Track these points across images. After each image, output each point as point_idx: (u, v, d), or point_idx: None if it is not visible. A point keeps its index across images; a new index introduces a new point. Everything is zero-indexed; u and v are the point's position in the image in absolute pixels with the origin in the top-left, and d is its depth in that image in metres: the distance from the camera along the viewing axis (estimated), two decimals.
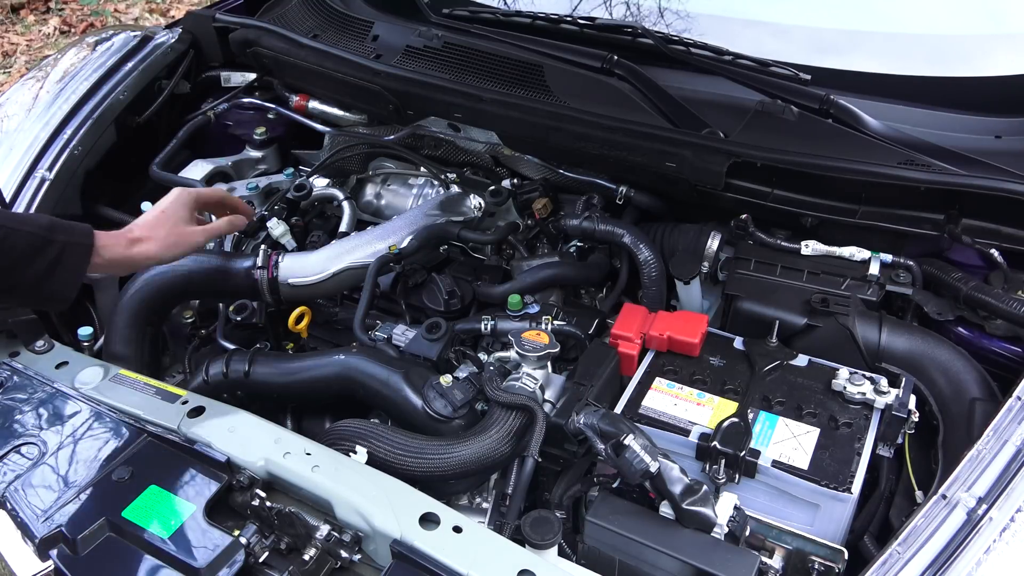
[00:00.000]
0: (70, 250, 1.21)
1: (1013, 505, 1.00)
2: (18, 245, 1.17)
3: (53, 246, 1.20)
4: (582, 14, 1.81)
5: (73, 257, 1.22)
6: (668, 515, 1.12)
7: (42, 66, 2.07)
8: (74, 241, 1.22)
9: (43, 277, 1.20)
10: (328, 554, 1.13)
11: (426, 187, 1.98)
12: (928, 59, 1.59)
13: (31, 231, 1.18)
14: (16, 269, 1.18)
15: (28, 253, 1.18)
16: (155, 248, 1.33)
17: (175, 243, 1.35)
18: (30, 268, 1.19)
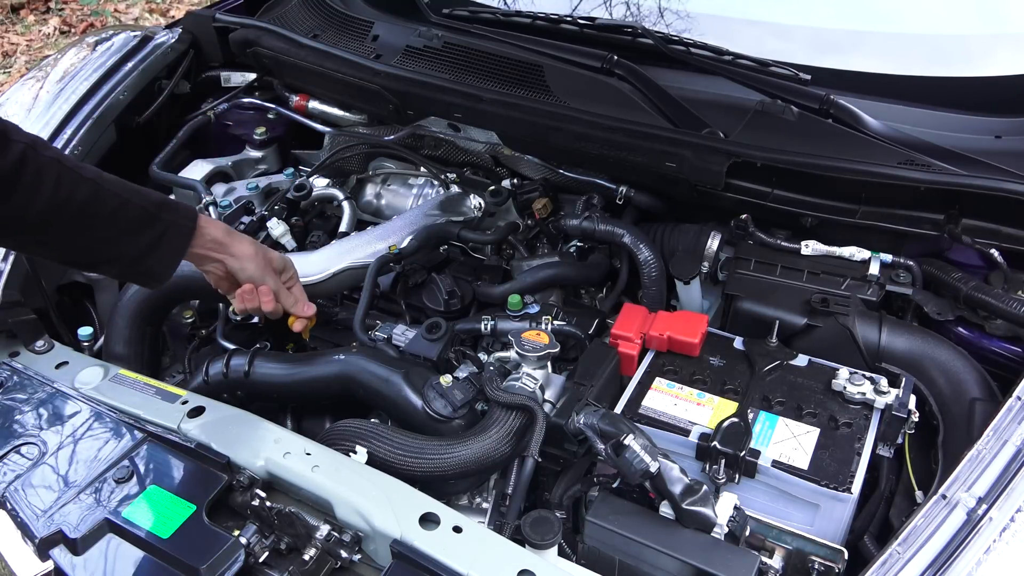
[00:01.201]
0: (173, 230, 1.24)
1: (1013, 505, 1.00)
2: (131, 216, 1.20)
3: (159, 223, 1.22)
4: (582, 14, 1.81)
5: (175, 237, 1.25)
6: (668, 515, 1.12)
7: (42, 66, 2.07)
8: (179, 222, 1.25)
9: (145, 253, 1.22)
10: (328, 554, 1.13)
11: (426, 187, 1.98)
12: (928, 59, 1.59)
13: (143, 205, 1.21)
14: (121, 241, 1.21)
15: (139, 225, 1.21)
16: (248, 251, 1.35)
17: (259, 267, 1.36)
18: (134, 242, 1.21)
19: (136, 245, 1.22)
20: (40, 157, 1.14)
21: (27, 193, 1.12)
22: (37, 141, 1.15)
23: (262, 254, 1.37)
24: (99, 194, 1.18)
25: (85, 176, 1.17)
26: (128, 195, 1.20)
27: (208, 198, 1.80)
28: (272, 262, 1.39)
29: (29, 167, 1.13)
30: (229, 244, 1.33)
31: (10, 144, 1.12)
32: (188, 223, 1.26)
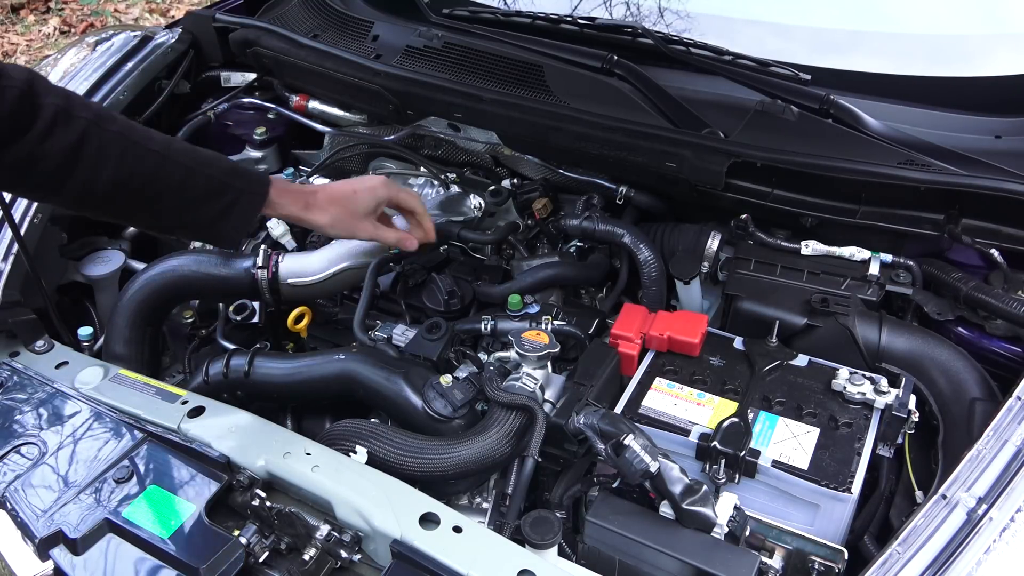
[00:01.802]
0: (245, 198, 1.28)
1: (1013, 505, 1.00)
2: (199, 185, 1.23)
3: (230, 191, 1.26)
4: (582, 14, 1.81)
5: (246, 205, 1.28)
6: (668, 515, 1.12)
7: (42, 66, 2.07)
8: (250, 190, 1.28)
9: (217, 219, 1.26)
10: (328, 554, 1.13)
11: (426, 187, 1.98)
12: (928, 59, 1.59)
13: (211, 174, 1.24)
14: (193, 208, 1.25)
15: (206, 195, 1.24)
16: (325, 220, 1.40)
17: (344, 226, 1.43)
18: (206, 209, 1.25)
19: (206, 213, 1.26)
20: (104, 133, 1.16)
21: (90, 169, 1.16)
22: (102, 115, 1.18)
23: (343, 213, 1.42)
24: (165, 166, 1.21)
25: (151, 149, 1.20)
26: (196, 165, 1.24)
27: None
28: (358, 211, 1.43)
29: (92, 143, 1.15)
30: (305, 216, 1.38)
31: (72, 120, 1.14)
32: (260, 190, 1.30)
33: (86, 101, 1.19)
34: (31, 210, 1.70)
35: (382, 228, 1.48)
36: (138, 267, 1.75)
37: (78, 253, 1.84)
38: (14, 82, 1.11)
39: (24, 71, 1.14)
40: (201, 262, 1.60)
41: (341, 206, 1.42)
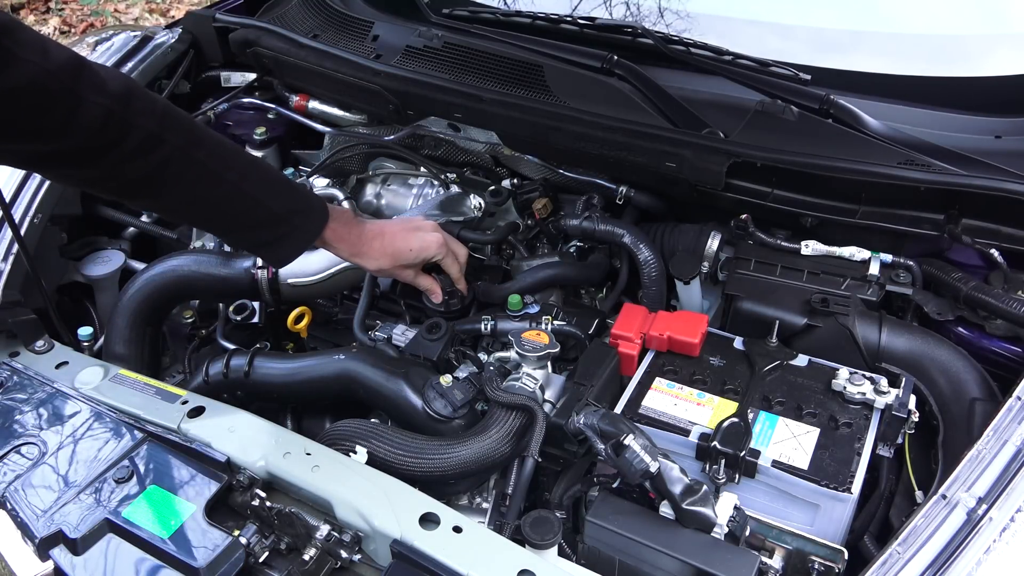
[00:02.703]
0: (298, 233, 1.33)
1: (1013, 505, 1.00)
2: (259, 215, 1.28)
3: (285, 225, 1.31)
4: (582, 14, 1.81)
5: (298, 239, 1.33)
6: (668, 515, 1.12)
7: None
8: (304, 227, 1.33)
9: (267, 243, 1.32)
10: (328, 554, 1.13)
11: (426, 187, 1.98)
12: (929, 59, 1.59)
13: (274, 208, 1.29)
14: (248, 230, 1.30)
15: (264, 223, 1.29)
16: (372, 267, 1.47)
17: (388, 272, 1.50)
18: (260, 233, 1.31)
19: (259, 236, 1.31)
20: (188, 159, 1.18)
21: (162, 187, 1.19)
22: (193, 139, 1.18)
23: (392, 264, 1.47)
24: (234, 197, 1.25)
25: (226, 179, 1.23)
26: (265, 197, 1.28)
27: None
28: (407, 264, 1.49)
29: (172, 168, 1.17)
30: (354, 260, 1.45)
31: (161, 146, 1.14)
32: (314, 228, 1.35)
33: (182, 119, 1.19)
34: (31, 210, 1.70)
35: (421, 276, 1.55)
36: (138, 267, 1.76)
37: (78, 253, 1.84)
38: (106, 98, 1.08)
39: (122, 83, 1.11)
40: (201, 262, 1.60)
41: (392, 259, 1.46)
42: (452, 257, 1.55)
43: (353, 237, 1.42)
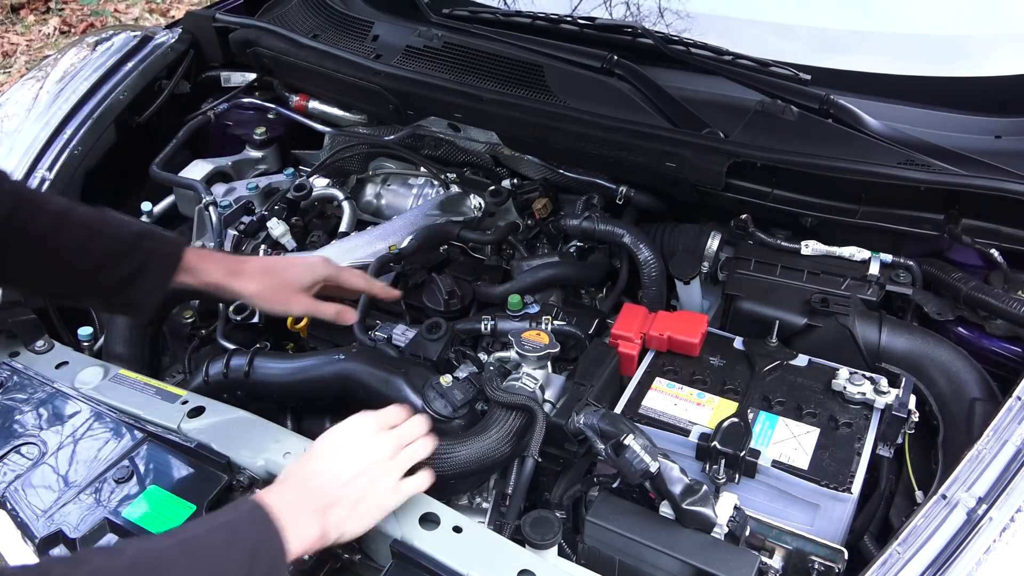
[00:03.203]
0: (155, 261, 1.19)
1: (1013, 505, 1.00)
2: (102, 247, 1.15)
3: (138, 253, 1.17)
4: (582, 14, 1.81)
5: (157, 268, 1.19)
6: (668, 515, 1.12)
7: (42, 66, 2.07)
8: (161, 251, 1.20)
9: (125, 284, 1.17)
10: (328, 554, 1.13)
11: (426, 187, 1.98)
12: (929, 59, 1.59)
13: (117, 235, 1.16)
14: (98, 272, 1.16)
15: (111, 257, 1.16)
16: (253, 290, 1.32)
17: (275, 297, 1.34)
18: (112, 272, 1.16)
19: (112, 277, 1.18)
20: None
21: None
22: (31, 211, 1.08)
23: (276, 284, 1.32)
24: (62, 226, 1.14)
25: (46, 210, 1.13)
26: (100, 225, 1.16)
27: (208, 198, 1.80)
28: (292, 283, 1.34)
29: None
30: (230, 283, 1.29)
31: None
32: (173, 252, 1.22)
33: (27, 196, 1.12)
34: None
35: (319, 303, 1.42)
36: None
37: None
38: None
39: None
40: None
41: (273, 277, 1.36)
42: (348, 271, 1.46)
43: (221, 259, 1.31)
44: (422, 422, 1.15)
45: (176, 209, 2.00)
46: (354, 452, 1.05)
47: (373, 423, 1.11)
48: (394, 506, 1.06)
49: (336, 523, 1.00)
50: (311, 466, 1.04)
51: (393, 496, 1.06)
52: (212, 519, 0.94)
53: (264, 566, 0.89)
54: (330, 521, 0.99)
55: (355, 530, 1.02)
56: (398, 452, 1.08)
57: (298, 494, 0.99)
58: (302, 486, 1.01)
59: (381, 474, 1.05)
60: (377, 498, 1.04)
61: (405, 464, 1.08)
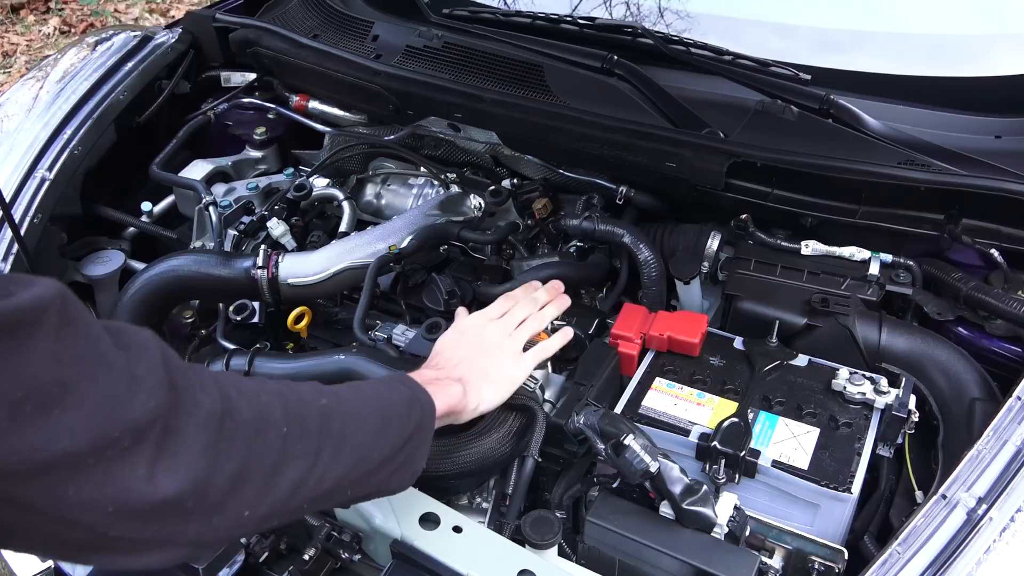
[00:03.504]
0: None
1: (1013, 505, 1.00)
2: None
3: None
4: (582, 14, 1.81)
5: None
6: (668, 515, 1.12)
7: (42, 66, 2.07)
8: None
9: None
10: (328, 554, 1.13)
11: (426, 187, 1.98)
12: (929, 59, 1.59)
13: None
14: None
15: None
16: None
17: None
18: None
19: None
20: None
21: None
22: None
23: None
24: None
25: None
26: None
27: (208, 198, 1.80)
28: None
29: None
30: None
31: None
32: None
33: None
34: (31, 210, 1.70)
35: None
36: (138, 267, 1.75)
37: (78, 253, 1.84)
38: None
39: None
40: (201, 262, 1.60)
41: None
42: None
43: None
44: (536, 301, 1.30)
45: (176, 209, 2.00)
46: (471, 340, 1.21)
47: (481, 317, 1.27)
48: (522, 377, 1.21)
49: (474, 390, 1.14)
50: (437, 359, 1.20)
51: (518, 367, 1.21)
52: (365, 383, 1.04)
53: (418, 414, 0.99)
54: (469, 388, 1.12)
55: (491, 399, 1.16)
56: (512, 331, 1.23)
57: (434, 369, 1.16)
58: (435, 367, 1.16)
59: (501, 351, 1.20)
60: (504, 370, 1.19)
61: (521, 338, 1.23)
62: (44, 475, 0.63)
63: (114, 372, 0.67)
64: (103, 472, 0.65)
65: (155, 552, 0.72)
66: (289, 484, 0.81)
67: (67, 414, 0.63)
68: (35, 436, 0.61)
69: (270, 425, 0.81)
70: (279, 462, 0.80)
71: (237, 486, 0.75)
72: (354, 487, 0.91)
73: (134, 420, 0.67)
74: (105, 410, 0.65)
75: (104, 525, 0.67)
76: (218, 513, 0.74)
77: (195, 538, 0.74)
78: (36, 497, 0.63)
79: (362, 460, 0.90)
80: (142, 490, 0.67)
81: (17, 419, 0.60)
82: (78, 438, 0.63)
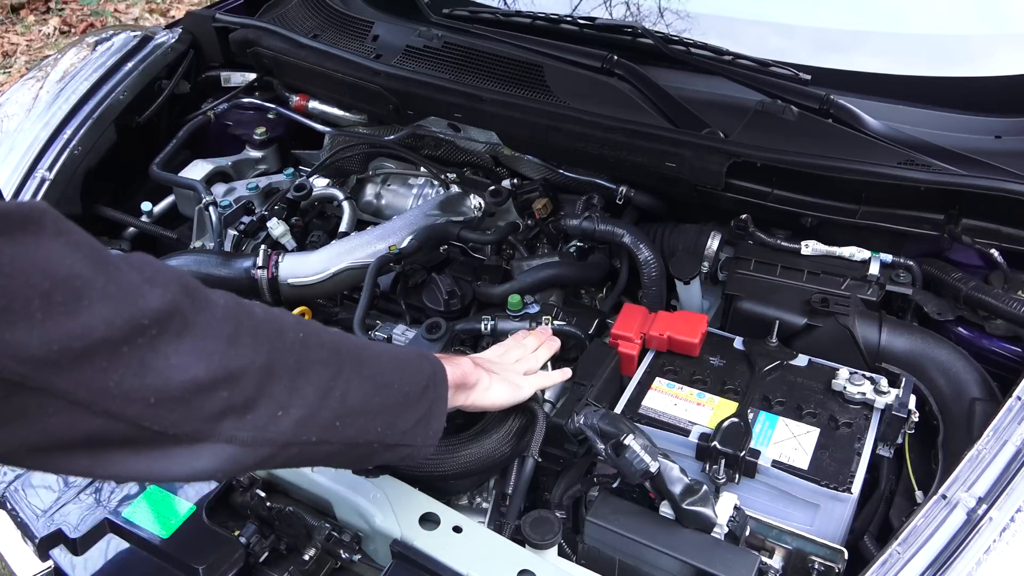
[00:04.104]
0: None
1: (1013, 505, 1.00)
2: None
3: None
4: (582, 14, 1.81)
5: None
6: (668, 515, 1.12)
7: (42, 66, 2.07)
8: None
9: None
10: (328, 554, 1.13)
11: (426, 187, 1.98)
12: (929, 59, 1.59)
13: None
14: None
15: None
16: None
17: None
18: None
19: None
20: None
21: None
22: None
23: None
24: None
25: None
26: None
27: (208, 198, 1.80)
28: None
29: None
30: None
31: None
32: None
33: None
34: None
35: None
36: None
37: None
38: None
39: None
40: (201, 262, 1.60)
41: None
42: None
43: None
44: (527, 347, 1.33)
45: (176, 209, 2.00)
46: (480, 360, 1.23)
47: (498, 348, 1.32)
48: (527, 393, 1.23)
49: (484, 374, 1.15)
50: None
51: (523, 381, 1.23)
52: None
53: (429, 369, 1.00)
54: (479, 370, 1.15)
55: (498, 394, 1.18)
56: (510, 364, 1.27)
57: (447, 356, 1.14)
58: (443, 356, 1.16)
59: (506, 368, 1.24)
60: (511, 378, 1.22)
61: (522, 367, 1.27)
62: (86, 364, 0.64)
63: (124, 271, 0.69)
64: (139, 362, 0.67)
65: (197, 450, 0.73)
66: (315, 388, 0.82)
67: (96, 304, 0.65)
68: (72, 324, 0.63)
69: (286, 329, 0.83)
70: (301, 363, 0.81)
71: (265, 380, 0.77)
72: (381, 419, 0.90)
73: (157, 311, 0.69)
74: (129, 301, 0.67)
75: (148, 418, 0.69)
76: (252, 407, 0.76)
77: (234, 434, 0.75)
78: (81, 389, 0.65)
79: (383, 387, 0.91)
80: (179, 376, 0.70)
81: (51, 308, 0.62)
82: (113, 325, 0.65)
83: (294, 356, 0.81)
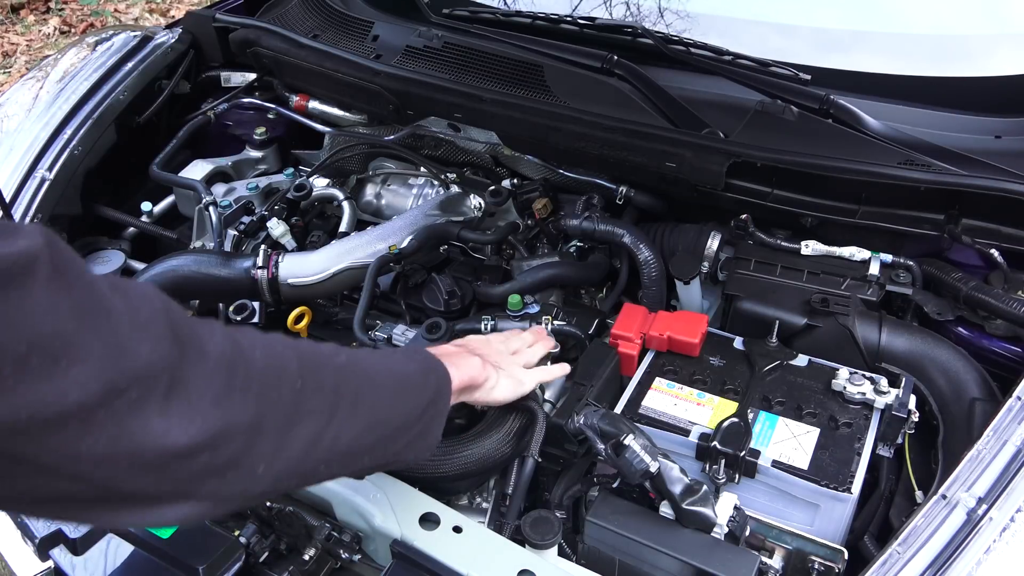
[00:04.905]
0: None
1: (1013, 505, 1.00)
2: None
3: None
4: (582, 14, 1.81)
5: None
6: (668, 515, 1.12)
7: (42, 66, 2.07)
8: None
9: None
10: (328, 554, 1.13)
11: (426, 187, 1.98)
12: (929, 59, 1.59)
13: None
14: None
15: None
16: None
17: None
18: None
19: None
20: None
21: None
22: None
23: None
24: None
25: None
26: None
27: (208, 198, 1.80)
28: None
29: None
30: None
31: None
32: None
33: None
34: (31, 210, 1.70)
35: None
36: (138, 267, 1.76)
37: (78, 253, 1.84)
38: None
39: None
40: (201, 262, 1.60)
41: None
42: None
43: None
44: (532, 335, 1.34)
45: (176, 209, 2.00)
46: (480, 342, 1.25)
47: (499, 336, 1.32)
48: (529, 387, 1.24)
49: (492, 369, 1.16)
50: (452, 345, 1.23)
51: (526, 375, 1.24)
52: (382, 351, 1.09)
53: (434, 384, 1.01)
54: (487, 364, 1.15)
55: (504, 390, 1.19)
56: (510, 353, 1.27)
57: (454, 345, 1.18)
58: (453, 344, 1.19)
59: (509, 360, 1.24)
60: (515, 372, 1.22)
61: (521, 361, 1.27)
62: (57, 430, 0.61)
63: (114, 321, 0.65)
64: (115, 425, 0.63)
65: (170, 507, 0.71)
66: (303, 441, 0.79)
67: (74, 367, 0.60)
68: (45, 390, 0.59)
69: (284, 377, 0.79)
70: (293, 416, 0.79)
71: (251, 439, 0.74)
72: (371, 453, 0.90)
73: (140, 370, 0.65)
74: (111, 360, 0.63)
75: (120, 480, 0.65)
76: (234, 467, 0.73)
77: (212, 492, 0.72)
78: (49, 455, 0.61)
79: (378, 424, 0.90)
80: (157, 443, 0.66)
81: (24, 373, 0.58)
82: (88, 389, 0.61)
83: (286, 410, 0.78)
